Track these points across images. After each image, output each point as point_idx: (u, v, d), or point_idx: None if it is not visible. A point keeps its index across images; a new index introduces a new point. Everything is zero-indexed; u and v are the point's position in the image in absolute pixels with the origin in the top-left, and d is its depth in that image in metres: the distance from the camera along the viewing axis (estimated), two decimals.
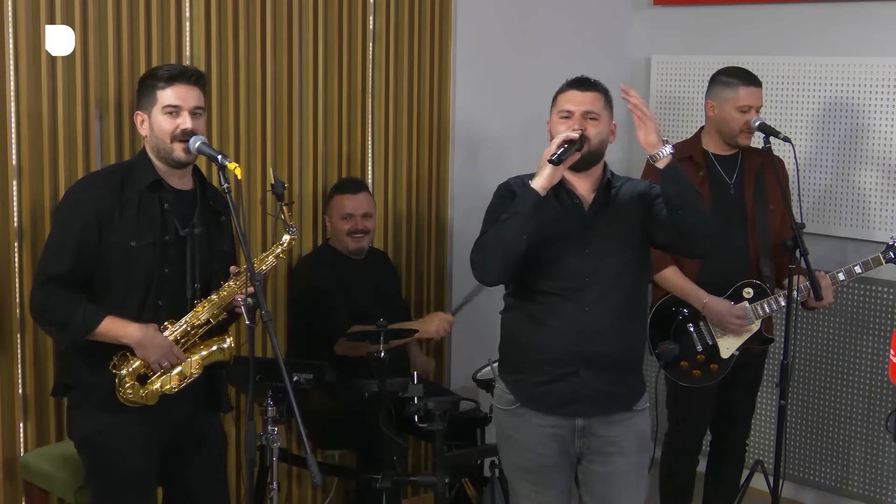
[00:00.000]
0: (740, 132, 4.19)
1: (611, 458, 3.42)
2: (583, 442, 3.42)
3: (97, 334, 3.26)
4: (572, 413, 3.39)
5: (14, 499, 3.85)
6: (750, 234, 4.23)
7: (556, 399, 3.39)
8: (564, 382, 3.38)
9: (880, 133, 4.74)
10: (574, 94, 3.39)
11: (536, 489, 3.47)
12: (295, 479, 4.63)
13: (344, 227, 4.43)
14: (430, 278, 5.00)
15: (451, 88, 4.95)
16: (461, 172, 5.01)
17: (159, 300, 3.34)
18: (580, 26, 5.34)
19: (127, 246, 3.29)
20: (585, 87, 3.40)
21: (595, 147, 3.36)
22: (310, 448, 3.15)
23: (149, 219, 3.33)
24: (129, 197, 3.32)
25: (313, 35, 4.46)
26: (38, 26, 3.73)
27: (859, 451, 4.91)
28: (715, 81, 4.26)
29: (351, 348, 4.28)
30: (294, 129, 4.46)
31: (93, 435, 3.36)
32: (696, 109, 5.27)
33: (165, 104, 3.32)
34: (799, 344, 4.95)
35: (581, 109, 3.36)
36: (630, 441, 3.44)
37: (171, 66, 3.46)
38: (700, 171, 4.23)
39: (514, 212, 3.28)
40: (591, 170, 3.42)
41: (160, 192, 3.36)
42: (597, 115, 3.36)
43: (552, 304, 3.37)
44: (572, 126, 3.33)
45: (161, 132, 3.33)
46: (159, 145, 3.34)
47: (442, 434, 4.03)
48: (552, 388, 3.39)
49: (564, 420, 3.40)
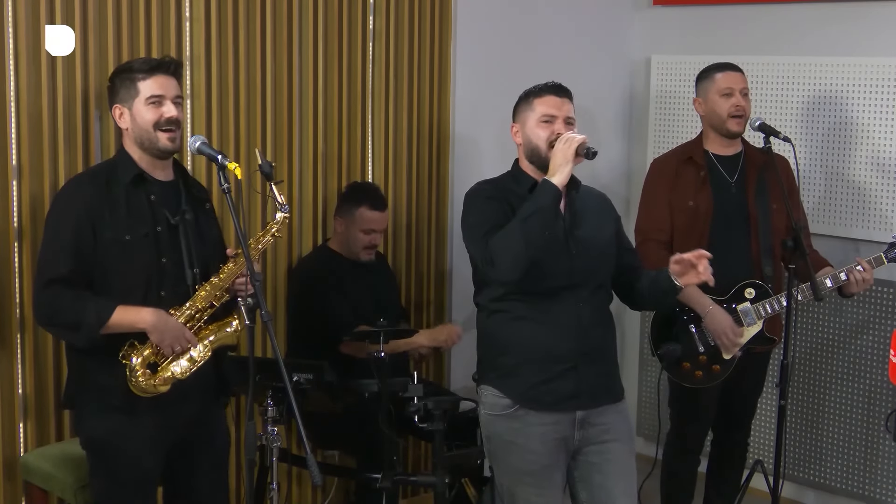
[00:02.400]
0: (728, 117, 4.20)
1: (607, 444, 3.50)
2: (581, 433, 3.47)
3: (111, 325, 3.25)
4: (572, 407, 3.45)
5: (14, 499, 3.85)
6: (752, 234, 4.23)
7: (555, 396, 3.44)
8: (564, 379, 3.44)
9: (881, 133, 4.74)
10: (553, 100, 3.49)
11: (539, 491, 3.48)
12: (295, 479, 4.63)
13: (363, 239, 4.42)
14: (429, 278, 5.00)
15: (451, 88, 4.95)
16: (461, 172, 5.01)
17: (161, 290, 3.35)
18: (580, 26, 5.34)
19: (122, 240, 3.30)
20: (562, 93, 3.51)
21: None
22: (310, 448, 3.15)
23: (138, 212, 3.34)
24: (115, 194, 3.33)
25: (313, 35, 4.46)
26: (38, 26, 3.73)
27: (859, 451, 4.91)
28: (697, 80, 4.33)
29: (357, 348, 4.28)
30: (294, 129, 4.46)
31: (104, 435, 3.36)
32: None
33: (149, 95, 3.33)
34: (799, 344, 4.95)
35: (563, 115, 3.48)
36: (622, 427, 3.54)
37: (146, 59, 3.47)
38: (701, 171, 4.23)
39: (537, 208, 3.32)
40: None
41: (144, 185, 3.37)
42: (573, 120, 3.50)
43: (546, 304, 3.44)
44: (555, 130, 3.44)
45: (145, 122, 3.33)
46: (143, 136, 3.35)
47: (442, 434, 4.03)
48: (552, 385, 3.43)
49: (564, 414, 3.45)
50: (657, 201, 4.28)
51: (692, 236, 4.18)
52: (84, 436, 3.43)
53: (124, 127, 3.38)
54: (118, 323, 3.25)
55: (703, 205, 4.20)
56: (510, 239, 3.32)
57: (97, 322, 3.24)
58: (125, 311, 3.26)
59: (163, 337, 3.28)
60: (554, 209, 3.35)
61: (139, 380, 3.30)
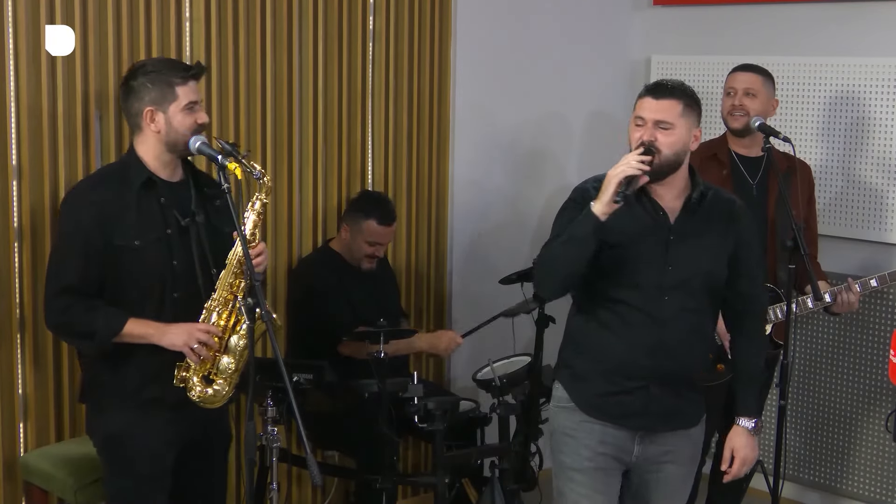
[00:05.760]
0: (727, 114, 4.26)
1: (664, 466, 3.36)
2: (641, 449, 3.34)
3: (123, 335, 3.27)
4: (636, 426, 3.32)
5: (14, 499, 3.85)
6: (769, 237, 4.22)
7: (621, 410, 3.30)
8: (633, 396, 3.29)
9: (881, 133, 4.74)
10: (649, 102, 3.25)
11: (587, 492, 3.35)
12: (295, 479, 4.63)
13: (367, 250, 4.42)
14: (429, 278, 4.99)
15: (451, 89, 4.95)
16: (461, 172, 5.01)
17: (175, 293, 3.36)
18: (580, 26, 5.34)
19: (132, 246, 3.30)
20: (660, 95, 3.24)
21: (668, 157, 3.22)
22: (310, 448, 3.15)
23: (149, 216, 3.34)
24: (127, 198, 3.33)
25: (313, 35, 4.46)
26: (38, 26, 3.73)
27: (859, 451, 4.91)
28: None
29: (357, 349, 4.28)
30: (294, 129, 4.45)
31: (124, 431, 3.36)
32: None
33: (187, 101, 3.33)
34: (799, 344, 4.95)
35: (654, 118, 3.22)
36: (685, 450, 3.40)
37: (177, 62, 3.49)
38: (723, 169, 4.24)
39: (572, 235, 3.18)
40: (674, 179, 3.28)
41: (155, 189, 3.36)
42: (670, 125, 3.21)
43: (627, 315, 3.27)
44: (643, 135, 3.22)
45: (183, 127, 3.33)
46: (179, 140, 3.35)
47: (442, 434, 4.03)
48: (618, 399, 3.30)
49: (627, 430, 3.32)
50: None
51: None
52: (102, 432, 3.43)
53: (157, 130, 3.35)
54: (130, 333, 3.28)
55: None
56: (547, 258, 3.24)
57: (109, 331, 3.27)
58: (136, 322, 3.29)
59: (173, 339, 3.30)
60: (590, 240, 3.15)
61: (194, 392, 3.35)
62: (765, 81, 4.24)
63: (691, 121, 3.27)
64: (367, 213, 4.40)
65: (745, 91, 4.21)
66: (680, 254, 3.28)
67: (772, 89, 4.27)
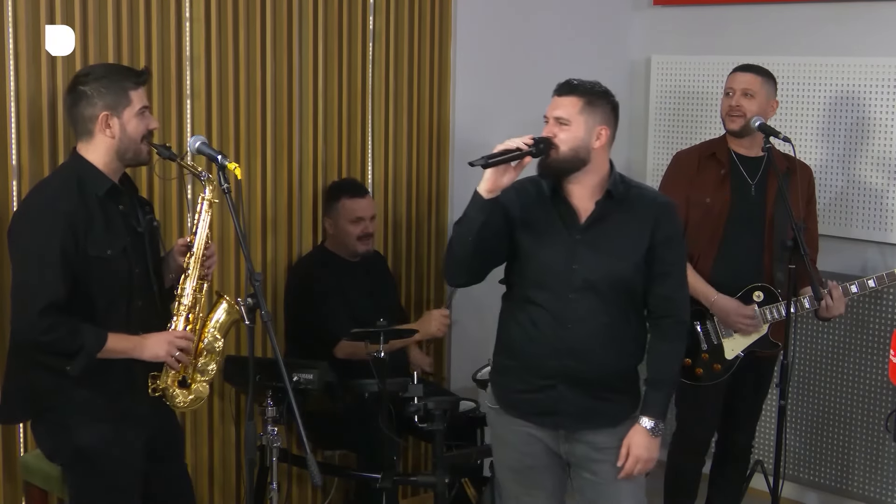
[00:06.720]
0: (725, 115, 4.24)
1: (599, 465, 3.33)
2: (568, 447, 3.34)
3: (104, 351, 3.22)
4: (551, 424, 3.33)
5: (14, 499, 3.85)
6: (767, 238, 4.22)
7: (533, 408, 3.33)
8: (542, 394, 3.30)
9: (882, 133, 4.74)
10: (553, 100, 3.31)
11: (526, 490, 3.43)
12: (295, 479, 4.63)
13: (355, 230, 4.42)
14: (429, 280, 5.00)
15: (451, 89, 4.95)
16: (461, 174, 5.01)
17: (139, 301, 3.35)
18: (580, 26, 5.34)
19: (105, 256, 3.26)
20: (563, 92, 3.29)
21: (566, 153, 3.23)
22: (310, 448, 3.15)
23: (114, 225, 3.30)
24: (91, 207, 3.25)
25: (313, 35, 4.46)
26: (38, 26, 3.73)
27: (859, 451, 4.91)
28: None
29: (351, 353, 4.28)
30: (294, 129, 4.46)
31: (95, 445, 3.30)
32: (695, 109, 5.28)
33: (141, 105, 3.32)
34: (799, 344, 4.95)
35: (553, 115, 3.27)
36: (618, 448, 3.31)
37: (126, 68, 3.50)
38: (722, 168, 4.24)
39: (462, 215, 3.22)
40: (585, 178, 3.28)
41: (116, 197, 3.33)
42: (567, 121, 3.24)
43: (537, 315, 3.29)
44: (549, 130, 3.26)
45: (136, 133, 3.31)
46: (131, 147, 3.32)
47: (442, 434, 4.03)
48: (530, 397, 3.33)
49: (548, 429, 3.34)
50: (675, 195, 4.26)
51: (704, 233, 4.19)
52: (70, 448, 3.32)
53: (111, 136, 3.28)
54: (112, 348, 3.24)
55: (718, 203, 4.20)
56: (449, 244, 3.31)
57: (96, 348, 3.21)
58: (115, 339, 3.25)
59: (154, 350, 3.30)
60: (476, 218, 3.16)
61: (178, 399, 3.37)
62: (764, 82, 4.23)
63: (594, 119, 3.27)
64: (337, 195, 4.45)
65: (743, 91, 4.19)
66: (587, 255, 3.26)
67: (772, 90, 4.26)
